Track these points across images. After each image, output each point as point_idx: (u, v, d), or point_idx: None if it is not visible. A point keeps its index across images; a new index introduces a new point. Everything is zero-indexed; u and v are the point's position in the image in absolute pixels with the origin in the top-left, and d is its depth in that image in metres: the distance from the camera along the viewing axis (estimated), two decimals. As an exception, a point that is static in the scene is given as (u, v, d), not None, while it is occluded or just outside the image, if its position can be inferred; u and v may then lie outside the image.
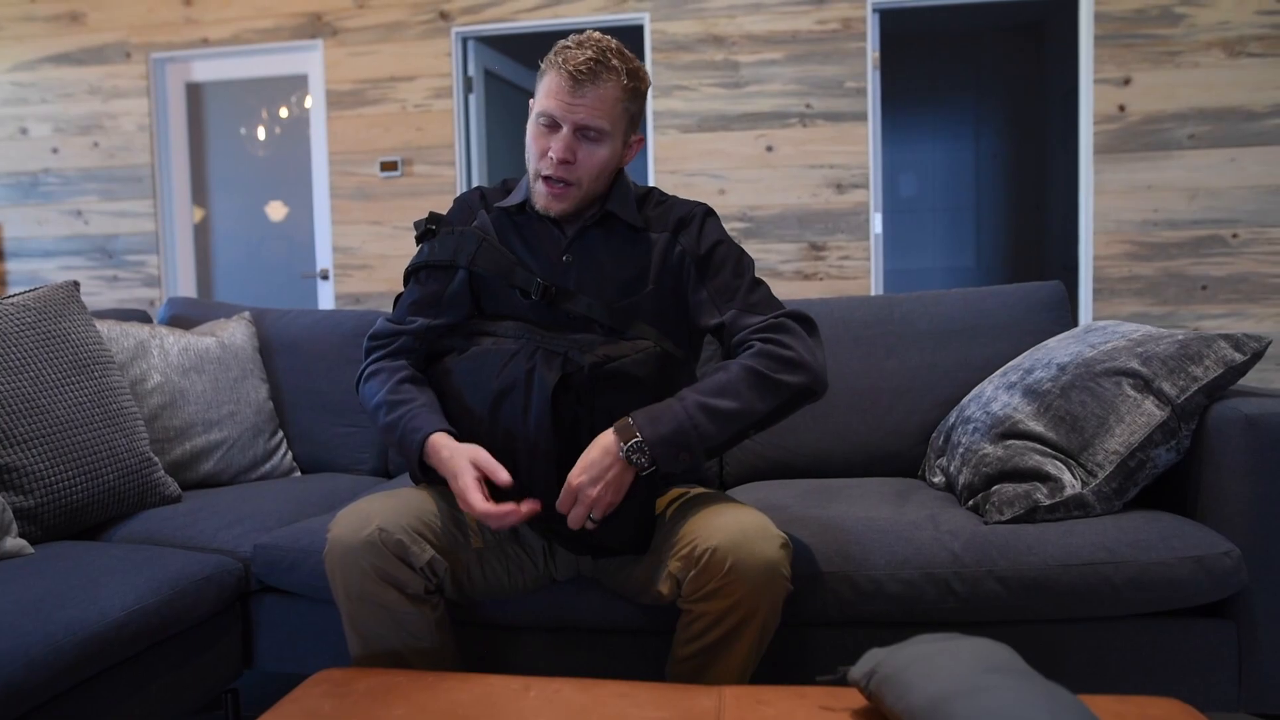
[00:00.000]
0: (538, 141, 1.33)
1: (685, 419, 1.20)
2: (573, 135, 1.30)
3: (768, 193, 3.93)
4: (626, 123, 1.35)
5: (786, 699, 1.03)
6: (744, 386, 1.23)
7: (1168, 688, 1.36)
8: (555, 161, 1.30)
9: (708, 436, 1.21)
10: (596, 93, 1.29)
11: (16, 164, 4.54)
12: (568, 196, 1.34)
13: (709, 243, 1.38)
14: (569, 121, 1.30)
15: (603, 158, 1.33)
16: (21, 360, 1.62)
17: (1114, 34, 3.62)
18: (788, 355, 1.25)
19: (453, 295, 1.41)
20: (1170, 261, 3.62)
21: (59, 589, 1.28)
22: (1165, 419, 1.42)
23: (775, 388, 1.24)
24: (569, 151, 1.30)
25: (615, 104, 1.31)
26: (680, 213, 1.40)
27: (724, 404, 1.22)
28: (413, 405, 1.34)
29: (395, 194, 4.22)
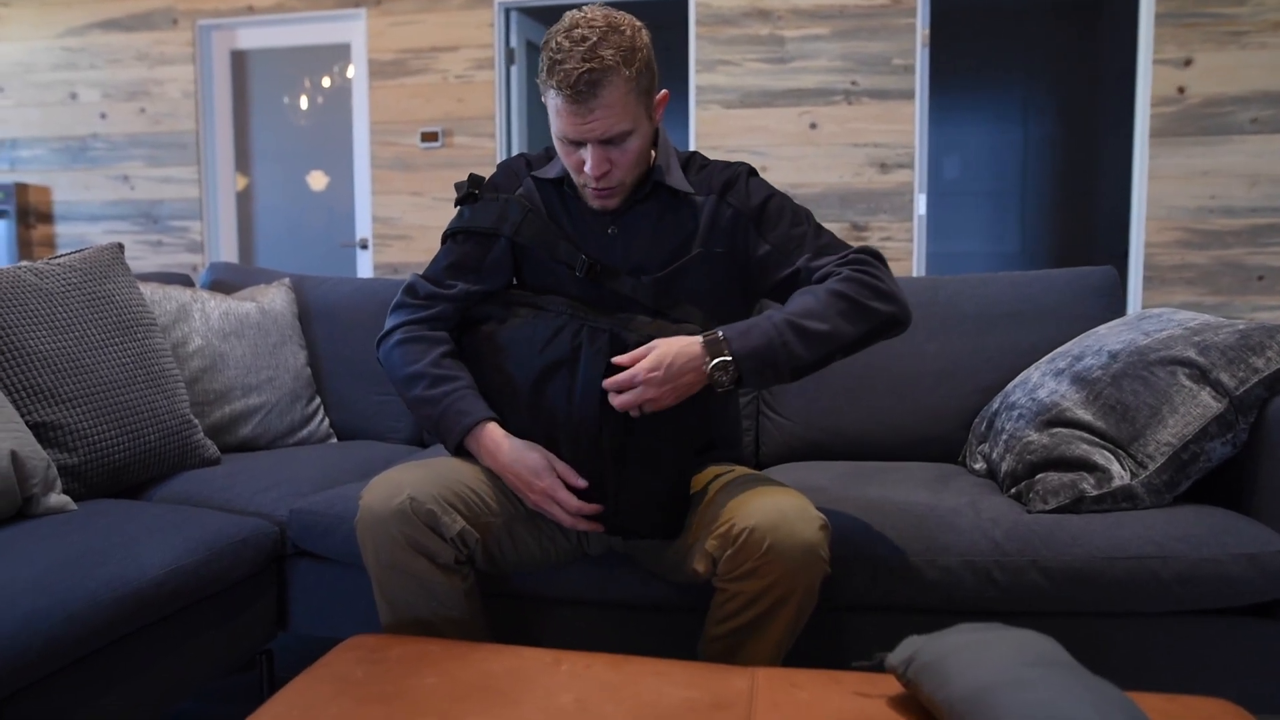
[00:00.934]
0: (567, 158, 1.29)
1: (775, 337, 1.19)
2: (599, 149, 1.25)
3: (810, 171, 3.87)
4: (643, 100, 1.26)
5: (820, 683, 1.01)
6: (833, 311, 1.21)
7: (1215, 688, 1.32)
8: (594, 177, 1.27)
9: (797, 357, 1.19)
10: (603, 102, 1.20)
11: (66, 129, 4.61)
12: (616, 194, 1.32)
13: (760, 197, 1.36)
14: (588, 140, 1.24)
15: (636, 149, 1.28)
16: (67, 320, 1.64)
17: (1175, 13, 3.49)
18: (876, 284, 1.23)
19: (494, 262, 1.40)
20: (1226, 250, 3.51)
21: (100, 546, 1.30)
22: (1222, 411, 1.38)
23: (865, 313, 1.22)
24: (601, 165, 1.26)
25: (626, 99, 1.22)
26: (725, 175, 1.38)
27: (814, 325, 1.20)
28: (458, 385, 1.33)
29: (435, 165, 4.22)
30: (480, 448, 1.31)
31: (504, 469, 1.29)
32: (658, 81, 1.30)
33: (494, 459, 1.30)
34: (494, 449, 1.30)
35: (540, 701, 0.97)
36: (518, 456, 1.28)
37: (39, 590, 1.15)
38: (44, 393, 1.55)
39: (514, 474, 1.28)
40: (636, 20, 1.26)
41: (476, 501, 1.27)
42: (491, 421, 1.31)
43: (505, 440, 1.29)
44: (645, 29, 1.27)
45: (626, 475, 1.25)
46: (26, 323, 1.58)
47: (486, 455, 1.31)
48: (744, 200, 1.36)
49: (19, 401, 1.52)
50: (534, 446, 1.29)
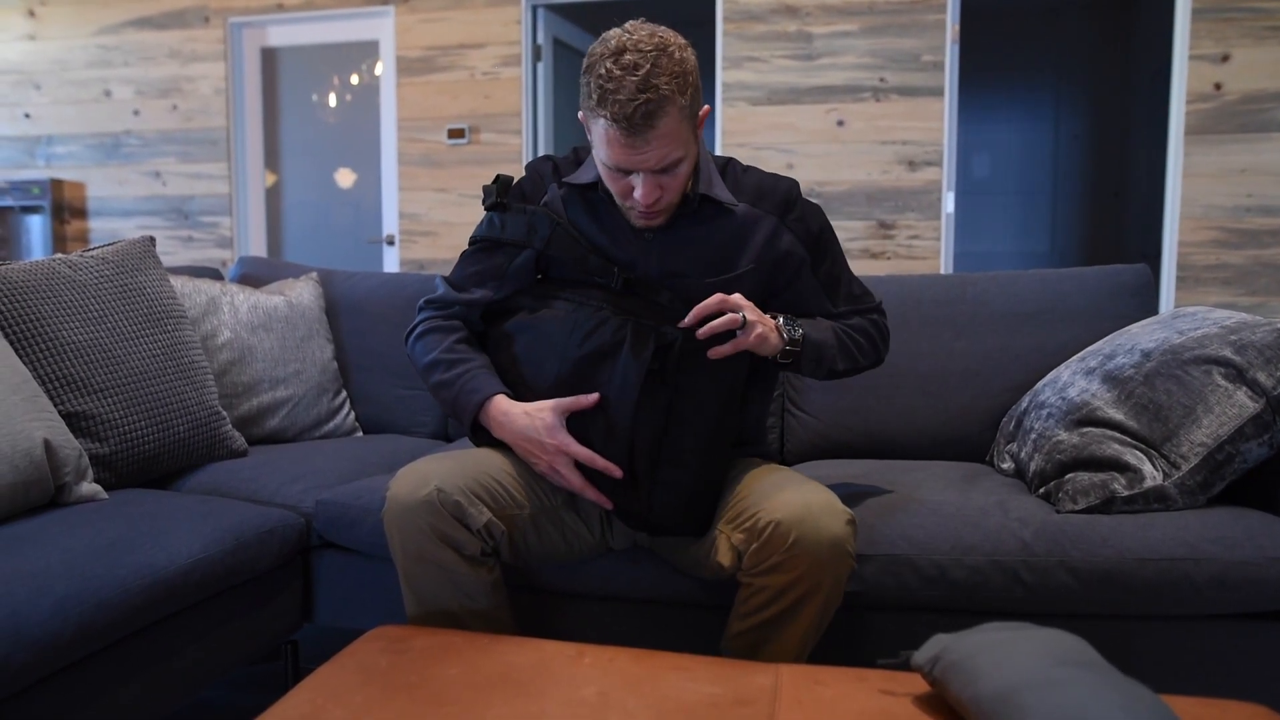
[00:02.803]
0: (614, 184, 1.26)
1: (832, 340, 1.35)
2: (651, 178, 1.22)
3: (837, 168, 3.84)
4: (691, 124, 1.22)
5: (845, 681, 1.00)
6: (864, 344, 1.41)
7: (1248, 692, 1.29)
8: (645, 205, 1.24)
9: (834, 361, 1.35)
10: (658, 134, 1.17)
11: (100, 125, 4.68)
12: (663, 214, 1.31)
13: (817, 227, 1.40)
14: (641, 170, 1.21)
15: (685, 173, 1.26)
16: (100, 311, 1.67)
17: (1213, 7, 3.43)
18: (886, 338, 1.46)
19: (517, 269, 1.40)
20: (1263, 250, 3.45)
21: (130, 534, 1.32)
22: (1259, 411, 1.35)
23: (876, 351, 1.44)
24: (653, 193, 1.23)
25: (680, 128, 1.19)
26: (778, 193, 1.36)
27: (853, 350, 1.38)
28: (470, 366, 1.35)
29: (462, 161, 4.24)
30: (492, 421, 1.31)
31: (516, 435, 1.29)
32: (701, 97, 1.26)
33: (507, 428, 1.29)
34: (504, 419, 1.29)
35: (563, 694, 0.97)
36: (529, 421, 1.27)
37: (70, 577, 1.16)
38: (76, 383, 1.57)
39: (525, 438, 1.27)
40: (681, 38, 1.22)
41: (503, 494, 1.28)
42: (500, 395, 1.31)
43: (515, 406, 1.29)
44: (690, 46, 1.23)
45: (659, 473, 1.25)
46: (60, 314, 1.60)
47: (498, 428, 1.30)
48: (803, 227, 1.38)
49: (52, 391, 1.55)
50: (544, 406, 1.27)
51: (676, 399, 1.24)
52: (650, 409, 1.23)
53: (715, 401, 1.25)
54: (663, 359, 1.22)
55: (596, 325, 1.28)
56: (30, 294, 1.58)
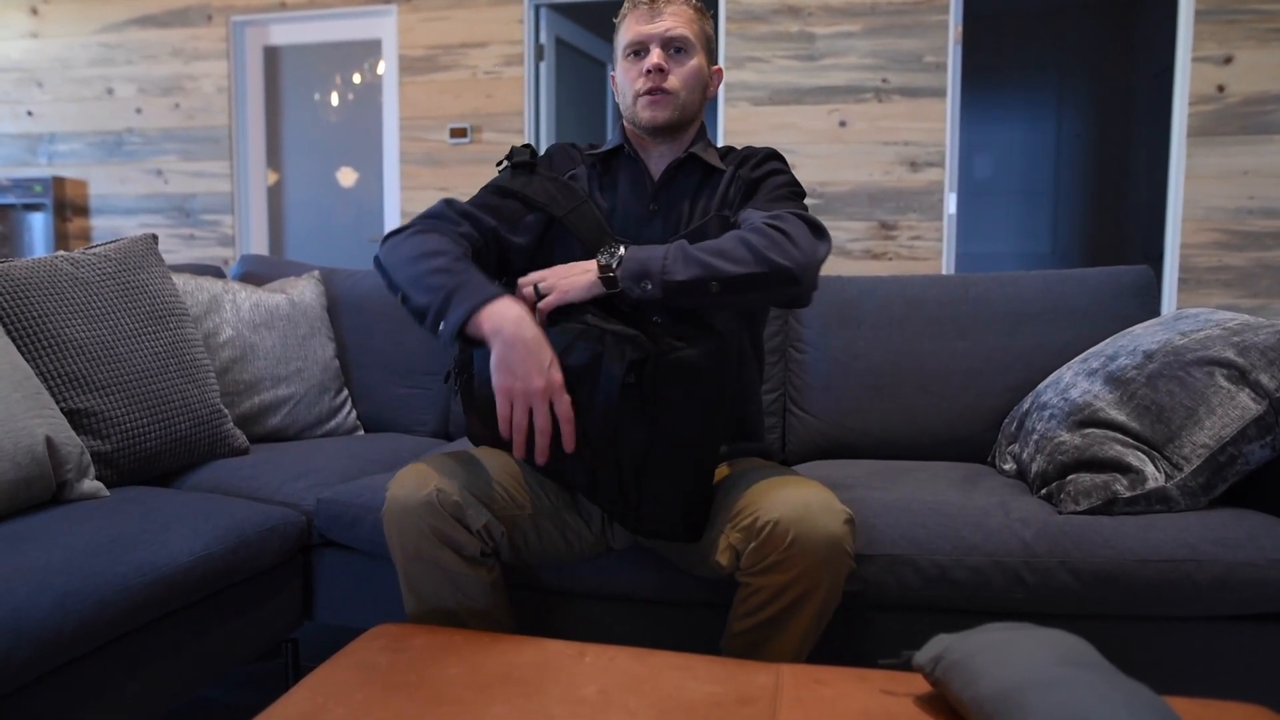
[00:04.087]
0: (629, 73, 1.42)
1: (663, 253, 1.21)
2: (662, 49, 1.38)
3: (839, 169, 3.84)
4: (704, 44, 1.43)
5: (846, 680, 1.00)
6: (728, 246, 1.21)
7: (1250, 694, 1.29)
8: (651, 73, 1.38)
9: (670, 273, 1.19)
10: (672, 9, 1.39)
11: (102, 123, 4.68)
12: (668, 104, 1.40)
13: (764, 171, 1.43)
14: (655, 38, 1.38)
15: (693, 67, 1.41)
16: (102, 309, 1.67)
17: (1216, 9, 3.42)
18: (780, 239, 1.22)
19: (527, 226, 1.43)
20: (1265, 252, 3.44)
21: (131, 532, 1.32)
22: (1261, 413, 1.35)
23: (758, 258, 1.20)
24: (662, 59, 1.38)
25: (691, 20, 1.40)
26: (746, 153, 1.48)
27: (701, 255, 1.20)
28: (480, 275, 1.24)
29: (464, 160, 4.24)
30: (500, 319, 1.15)
31: (519, 344, 1.14)
32: (715, 57, 1.47)
33: (511, 333, 1.14)
34: (516, 324, 1.14)
35: (563, 692, 0.97)
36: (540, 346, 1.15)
37: (71, 574, 1.16)
38: (78, 380, 1.57)
39: (529, 351, 1.13)
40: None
41: (503, 494, 1.27)
42: (510, 299, 1.20)
43: (530, 317, 1.18)
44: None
45: (646, 485, 1.23)
46: (62, 311, 1.60)
47: (501, 327, 1.15)
48: (749, 171, 1.44)
49: (54, 388, 1.55)
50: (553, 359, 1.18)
51: (658, 413, 1.20)
52: (632, 424, 1.20)
53: (699, 413, 1.21)
54: (639, 374, 1.19)
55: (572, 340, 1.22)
56: (32, 291, 1.58)
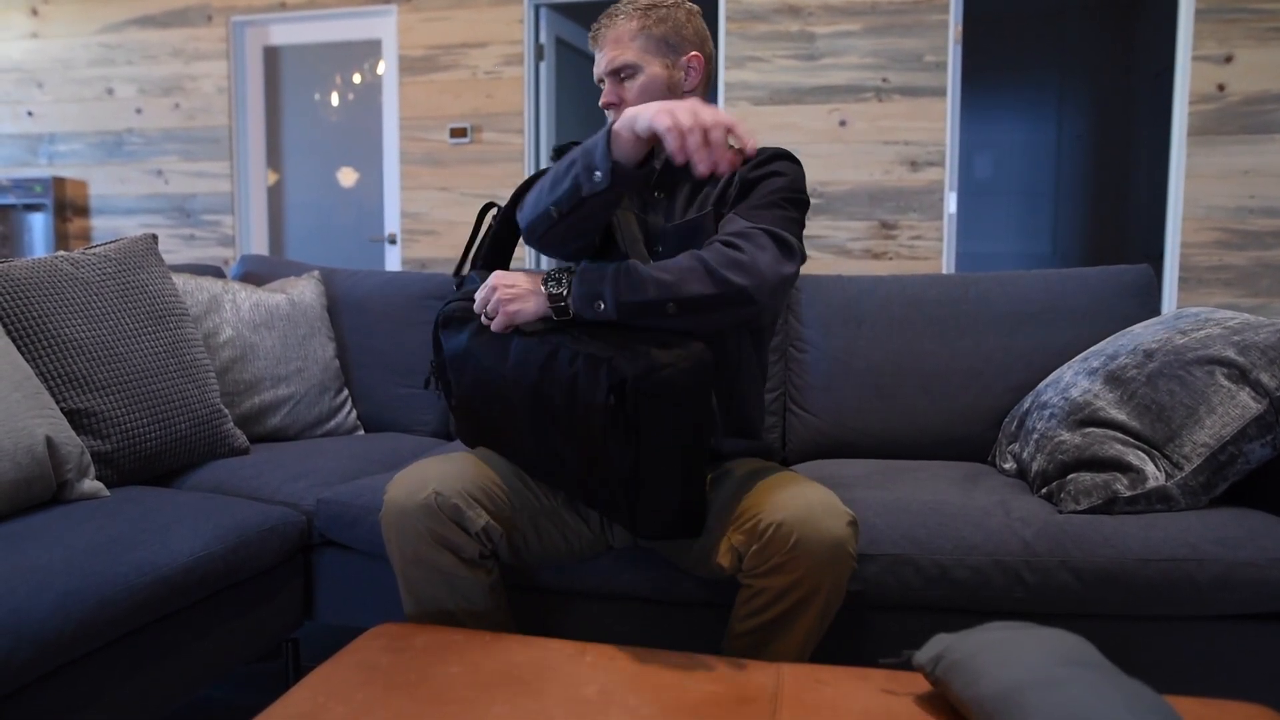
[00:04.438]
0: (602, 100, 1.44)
1: (614, 272, 1.20)
2: (612, 82, 1.40)
3: (839, 168, 3.84)
4: (656, 47, 1.40)
5: (847, 680, 1.00)
6: (685, 265, 1.20)
7: (1251, 693, 1.29)
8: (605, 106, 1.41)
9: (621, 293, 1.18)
10: (610, 36, 1.40)
11: (103, 123, 4.68)
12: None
13: (762, 173, 1.36)
14: (602, 74, 1.41)
15: (642, 83, 1.39)
16: (102, 309, 1.66)
17: (1216, 8, 3.42)
18: (738, 257, 1.20)
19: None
20: (1265, 251, 3.44)
21: (132, 531, 1.32)
22: (1262, 412, 1.34)
23: (714, 278, 1.18)
24: (612, 95, 1.40)
25: (632, 36, 1.39)
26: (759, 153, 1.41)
27: (655, 274, 1.19)
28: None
29: (464, 160, 4.24)
30: (627, 115, 1.13)
31: (645, 108, 1.10)
32: (690, 46, 1.42)
33: (639, 108, 1.12)
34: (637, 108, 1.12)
35: (564, 692, 0.97)
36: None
37: (72, 574, 1.16)
38: (78, 380, 1.57)
39: (688, 104, 1.08)
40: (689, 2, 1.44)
41: (501, 496, 1.27)
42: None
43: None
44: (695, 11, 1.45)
45: (639, 494, 1.21)
46: (62, 312, 1.60)
47: (635, 111, 1.12)
48: (750, 172, 1.37)
49: (54, 389, 1.55)
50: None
51: (642, 434, 1.17)
52: (617, 444, 1.18)
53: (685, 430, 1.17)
54: (619, 395, 1.16)
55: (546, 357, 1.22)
56: (33, 291, 1.58)
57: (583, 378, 1.18)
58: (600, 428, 1.18)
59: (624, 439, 1.18)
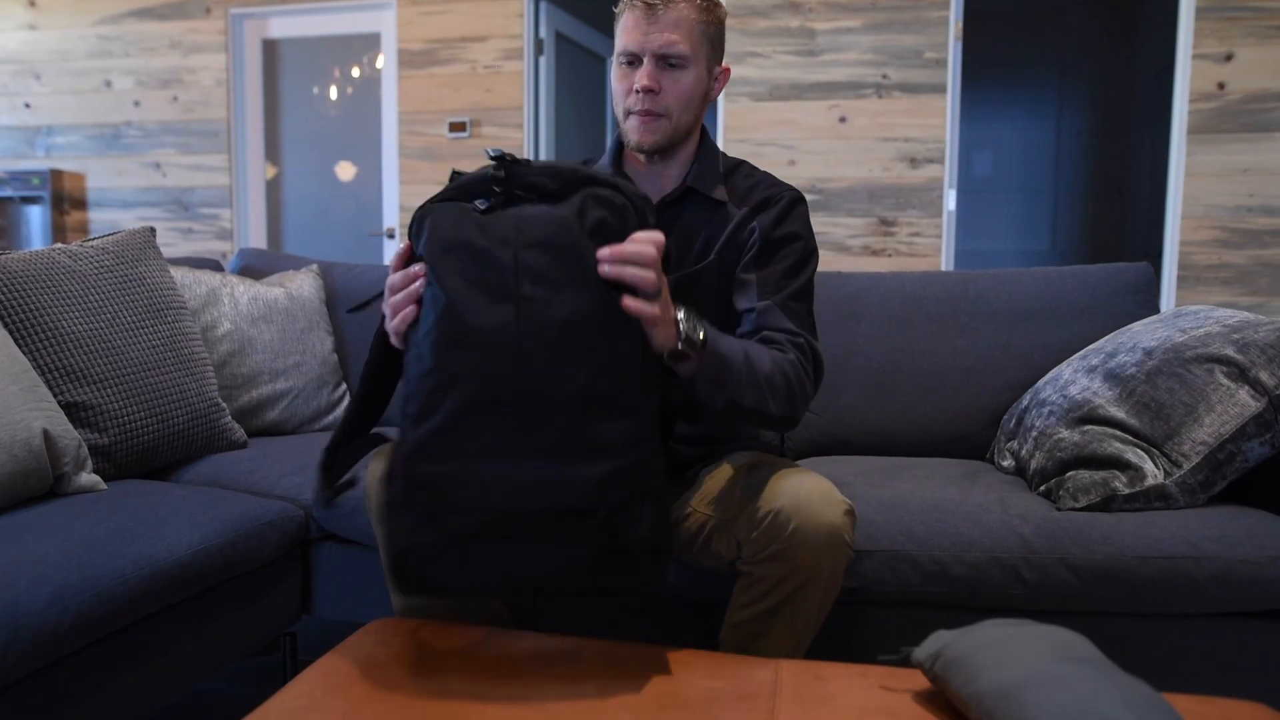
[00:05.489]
0: (622, 83, 1.29)
1: (742, 358, 1.12)
2: (654, 65, 1.25)
3: (838, 165, 3.83)
4: (707, 49, 1.29)
5: (846, 676, 1.00)
6: (780, 379, 1.16)
7: (1249, 691, 1.29)
8: (641, 93, 1.25)
9: (738, 387, 1.12)
10: (671, 16, 1.24)
11: (100, 116, 4.66)
12: (658, 128, 1.28)
13: (785, 231, 1.30)
14: (648, 51, 1.25)
15: (688, 84, 1.27)
16: (99, 302, 1.66)
17: (1217, 6, 3.42)
18: (806, 386, 1.21)
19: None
20: (1264, 250, 3.44)
21: (129, 525, 1.31)
22: (1261, 410, 1.35)
23: (787, 401, 1.17)
24: (653, 80, 1.25)
25: (693, 26, 1.25)
26: (767, 193, 1.33)
27: (761, 375, 1.14)
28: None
29: (463, 155, 4.23)
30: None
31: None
32: (722, 56, 1.32)
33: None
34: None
35: (563, 687, 0.97)
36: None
37: (69, 567, 1.16)
38: (76, 373, 1.57)
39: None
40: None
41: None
42: None
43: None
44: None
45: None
46: (60, 304, 1.60)
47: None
48: (770, 225, 1.30)
49: (52, 381, 1.54)
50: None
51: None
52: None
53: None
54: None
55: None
56: (30, 284, 1.57)
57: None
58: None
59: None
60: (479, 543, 0.95)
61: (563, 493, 0.93)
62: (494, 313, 0.95)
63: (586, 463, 0.94)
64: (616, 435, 0.95)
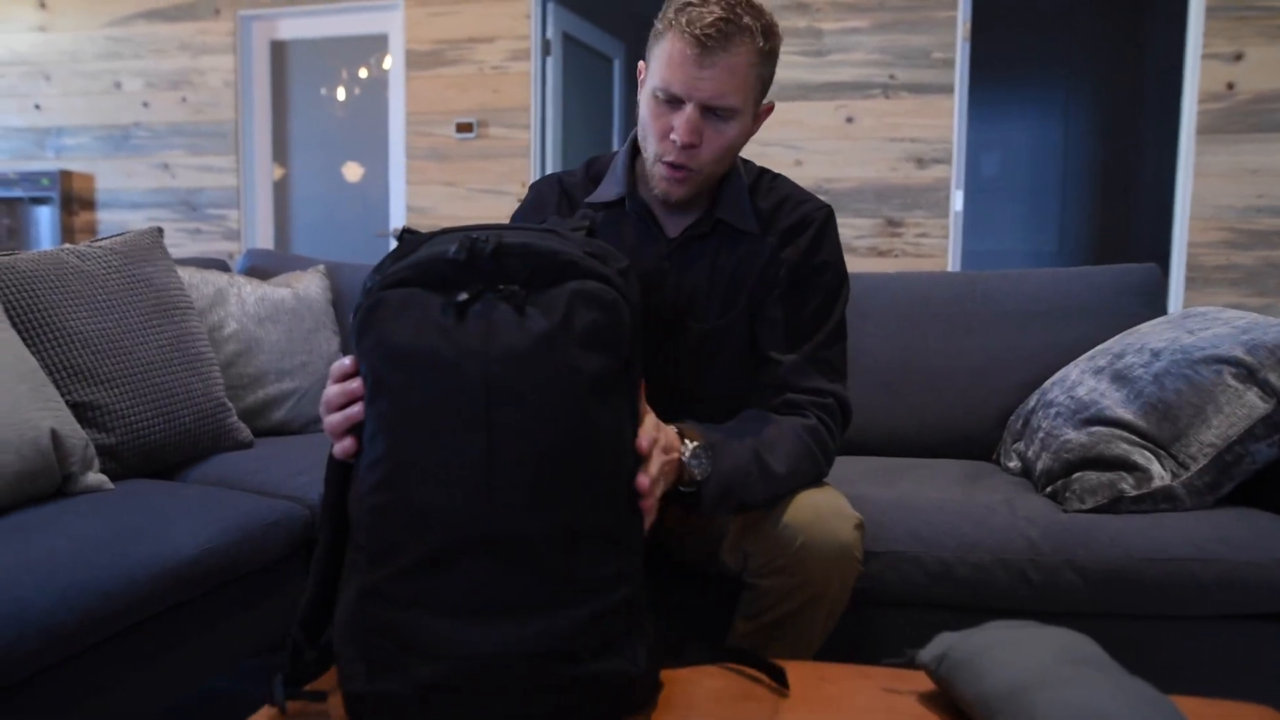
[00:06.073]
0: (656, 121, 1.13)
1: (752, 462, 1.10)
2: (698, 114, 1.10)
3: (845, 165, 3.83)
4: (758, 91, 1.14)
5: (850, 677, 1.00)
6: (798, 466, 1.14)
7: (1255, 694, 1.29)
8: (679, 146, 1.11)
9: (745, 493, 1.10)
10: (726, 62, 1.07)
11: (110, 117, 4.69)
12: (689, 181, 1.16)
13: (817, 261, 1.21)
14: (694, 99, 1.09)
15: (730, 138, 1.13)
16: (107, 302, 1.67)
17: (1226, 5, 3.40)
18: (830, 450, 1.19)
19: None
20: (1273, 250, 3.42)
21: (136, 524, 1.32)
22: (1269, 412, 1.34)
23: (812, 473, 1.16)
24: (694, 133, 1.10)
25: (747, 73, 1.10)
26: (795, 216, 1.23)
27: (779, 468, 1.12)
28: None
29: (470, 155, 4.24)
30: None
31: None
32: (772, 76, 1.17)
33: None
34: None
35: (566, 688, 0.97)
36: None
37: (76, 566, 1.16)
38: (83, 373, 1.58)
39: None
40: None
41: None
42: None
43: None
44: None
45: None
46: (68, 304, 1.60)
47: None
48: (800, 256, 1.21)
49: (59, 381, 1.55)
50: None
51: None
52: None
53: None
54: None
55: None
56: (38, 284, 1.58)
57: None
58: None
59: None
60: (448, 691, 0.80)
61: (548, 636, 0.81)
62: (462, 441, 0.80)
63: (573, 603, 0.82)
64: (603, 572, 0.83)
